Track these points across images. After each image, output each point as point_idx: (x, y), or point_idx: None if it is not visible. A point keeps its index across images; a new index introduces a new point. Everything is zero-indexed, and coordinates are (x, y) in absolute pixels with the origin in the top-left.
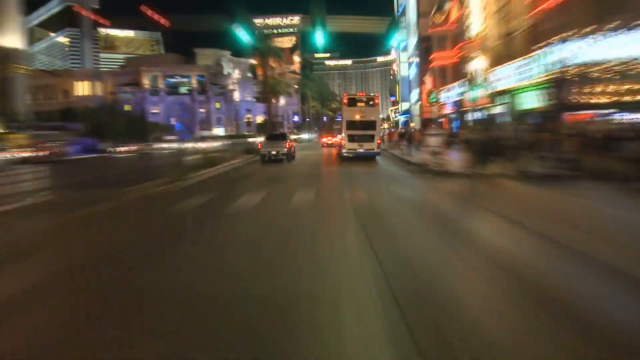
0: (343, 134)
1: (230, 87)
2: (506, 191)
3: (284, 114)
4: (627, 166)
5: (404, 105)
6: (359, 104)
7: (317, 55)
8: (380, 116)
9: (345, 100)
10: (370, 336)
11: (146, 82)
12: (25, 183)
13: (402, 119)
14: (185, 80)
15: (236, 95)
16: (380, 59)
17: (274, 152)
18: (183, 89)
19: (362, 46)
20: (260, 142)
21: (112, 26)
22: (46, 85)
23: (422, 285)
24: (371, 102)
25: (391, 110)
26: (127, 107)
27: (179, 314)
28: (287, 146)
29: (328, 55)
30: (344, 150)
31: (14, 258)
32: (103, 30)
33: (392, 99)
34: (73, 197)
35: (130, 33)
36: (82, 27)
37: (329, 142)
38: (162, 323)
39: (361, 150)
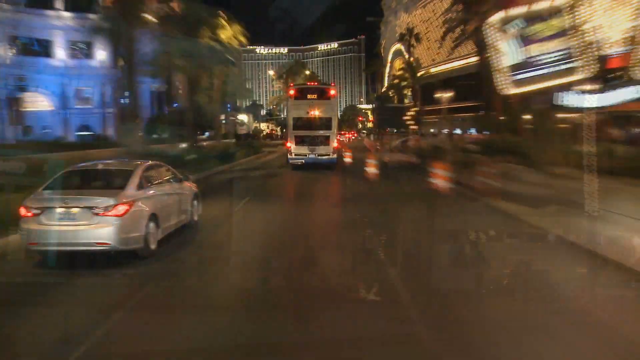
0: (289, 136)
1: None
2: None
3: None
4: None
5: None
6: (309, 97)
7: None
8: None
9: (291, 92)
10: None
11: None
12: None
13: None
14: None
15: None
16: (322, 46)
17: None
18: None
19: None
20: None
21: None
22: None
23: None
24: (326, 95)
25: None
26: None
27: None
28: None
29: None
30: (290, 157)
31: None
32: None
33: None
34: None
35: None
36: None
37: None
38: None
39: (312, 156)
